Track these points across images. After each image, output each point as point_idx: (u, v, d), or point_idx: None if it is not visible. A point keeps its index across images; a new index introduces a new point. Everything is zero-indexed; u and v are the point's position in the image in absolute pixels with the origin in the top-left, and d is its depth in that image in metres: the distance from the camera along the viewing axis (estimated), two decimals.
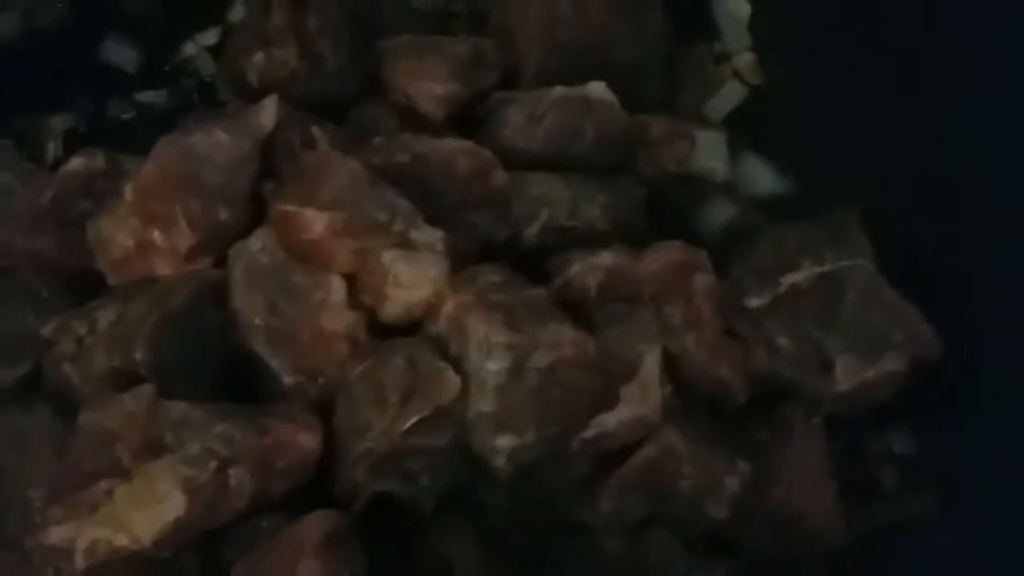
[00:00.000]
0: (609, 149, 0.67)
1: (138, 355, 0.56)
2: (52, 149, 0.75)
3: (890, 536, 0.61)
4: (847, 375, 0.61)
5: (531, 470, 0.58)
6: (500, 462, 0.56)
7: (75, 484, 0.50)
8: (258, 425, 0.53)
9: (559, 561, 0.61)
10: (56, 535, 0.48)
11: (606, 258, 0.60)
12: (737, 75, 0.76)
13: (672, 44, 0.75)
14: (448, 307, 0.56)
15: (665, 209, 0.73)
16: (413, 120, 0.67)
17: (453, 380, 0.54)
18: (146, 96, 0.78)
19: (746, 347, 0.65)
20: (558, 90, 0.66)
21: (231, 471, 0.51)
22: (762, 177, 0.75)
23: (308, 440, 0.53)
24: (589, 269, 0.60)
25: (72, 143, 0.75)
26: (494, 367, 0.54)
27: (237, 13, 0.78)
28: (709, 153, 0.74)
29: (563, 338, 0.55)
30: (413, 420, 0.53)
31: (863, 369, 0.61)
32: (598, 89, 0.66)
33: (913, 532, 0.61)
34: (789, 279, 0.65)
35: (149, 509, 0.48)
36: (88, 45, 0.78)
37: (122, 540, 0.48)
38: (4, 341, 0.62)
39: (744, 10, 0.75)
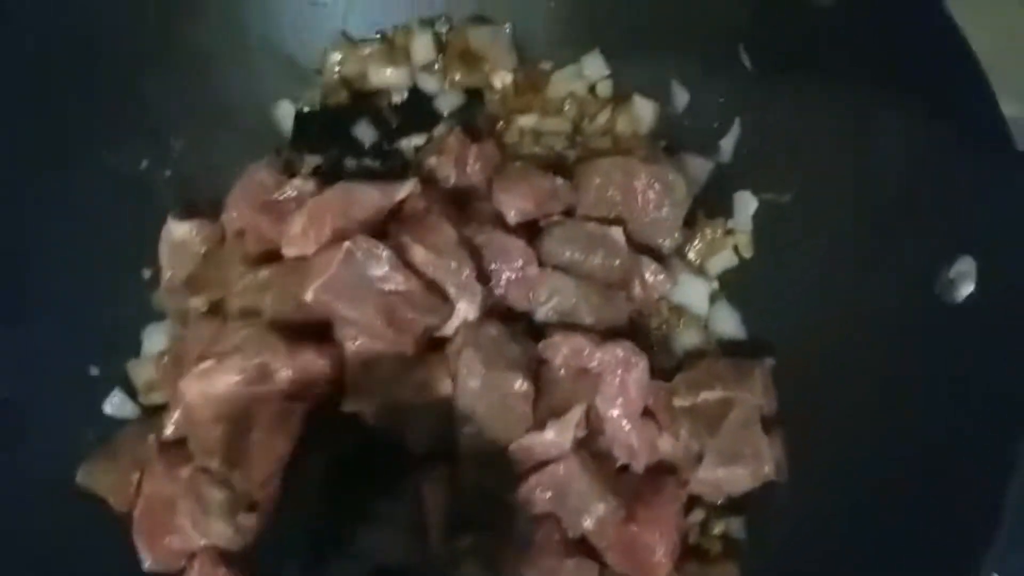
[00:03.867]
0: (611, 272, 0.90)
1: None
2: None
3: None
4: (707, 468, 0.82)
5: (486, 457, 0.83)
6: (465, 442, 0.82)
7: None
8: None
9: (488, 521, 0.85)
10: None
11: (578, 339, 0.84)
12: (735, 248, 0.98)
13: (697, 214, 0.98)
14: (458, 339, 0.83)
15: (651, 324, 0.96)
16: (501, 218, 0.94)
17: (447, 386, 0.82)
18: (373, 163, 1.04)
19: (660, 430, 0.87)
20: (591, 225, 0.91)
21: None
22: (729, 324, 0.96)
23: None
24: (563, 341, 0.84)
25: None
26: (471, 384, 0.80)
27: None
28: (695, 296, 0.96)
29: (514, 382, 0.80)
30: (415, 402, 0.81)
31: (719, 468, 0.82)
32: (615, 232, 0.90)
33: None
34: (704, 394, 0.86)
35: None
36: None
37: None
38: None
39: (752, 205, 0.96)
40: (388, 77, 1.06)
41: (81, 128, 0.95)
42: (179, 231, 0.99)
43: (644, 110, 1.04)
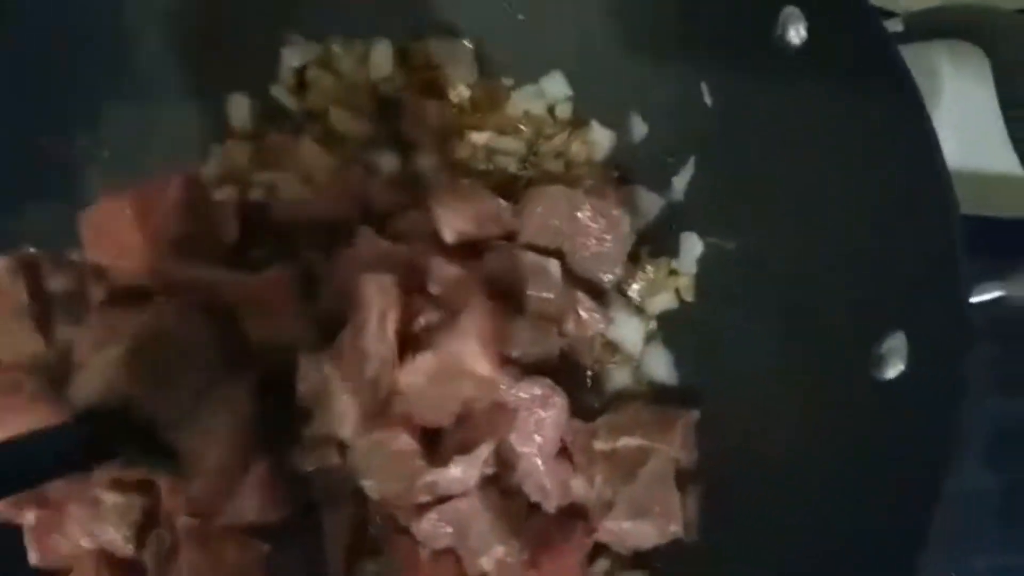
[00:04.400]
0: (545, 304, 0.86)
1: None
2: None
3: None
4: (615, 518, 0.79)
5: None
6: (373, 494, 0.79)
7: None
8: None
9: (392, 551, 0.82)
10: None
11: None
12: (676, 290, 0.95)
13: (641, 251, 0.95)
14: None
15: (584, 361, 0.92)
16: (435, 236, 0.91)
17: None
18: None
19: (575, 472, 0.84)
20: (530, 255, 0.87)
21: None
22: (661, 367, 0.93)
23: None
24: None
25: None
26: (361, 444, 0.77)
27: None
28: (630, 334, 0.93)
29: (396, 441, 0.76)
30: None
31: (626, 520, 0.79)
32: (552, 265, 0.86)
33: None
34: (624, 440, 0.83)
35: None
36: None
37: None
38: None
39: (698, 247, 0.93)
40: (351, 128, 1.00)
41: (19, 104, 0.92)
42: None
43: (601, 137, 1.01)
